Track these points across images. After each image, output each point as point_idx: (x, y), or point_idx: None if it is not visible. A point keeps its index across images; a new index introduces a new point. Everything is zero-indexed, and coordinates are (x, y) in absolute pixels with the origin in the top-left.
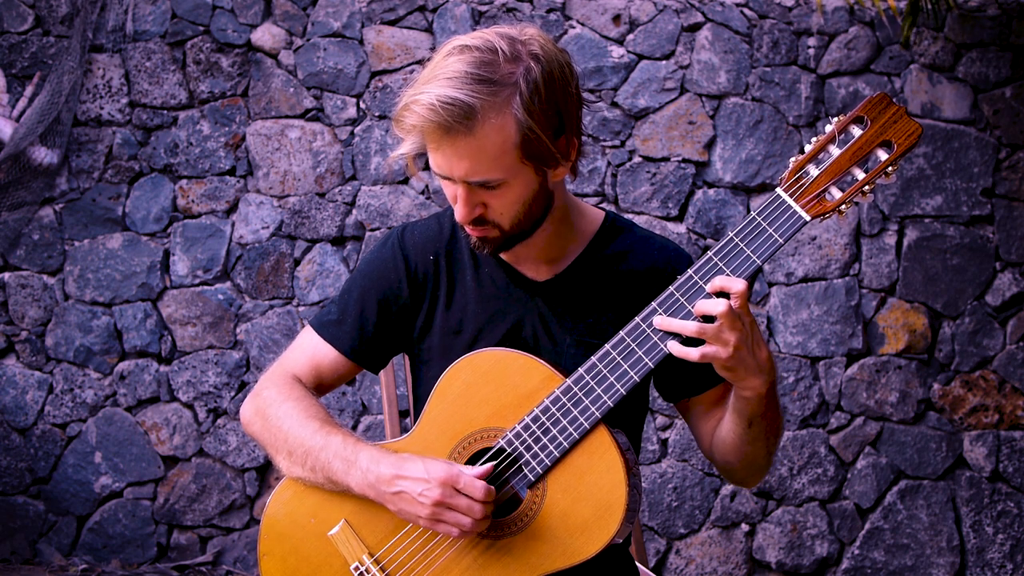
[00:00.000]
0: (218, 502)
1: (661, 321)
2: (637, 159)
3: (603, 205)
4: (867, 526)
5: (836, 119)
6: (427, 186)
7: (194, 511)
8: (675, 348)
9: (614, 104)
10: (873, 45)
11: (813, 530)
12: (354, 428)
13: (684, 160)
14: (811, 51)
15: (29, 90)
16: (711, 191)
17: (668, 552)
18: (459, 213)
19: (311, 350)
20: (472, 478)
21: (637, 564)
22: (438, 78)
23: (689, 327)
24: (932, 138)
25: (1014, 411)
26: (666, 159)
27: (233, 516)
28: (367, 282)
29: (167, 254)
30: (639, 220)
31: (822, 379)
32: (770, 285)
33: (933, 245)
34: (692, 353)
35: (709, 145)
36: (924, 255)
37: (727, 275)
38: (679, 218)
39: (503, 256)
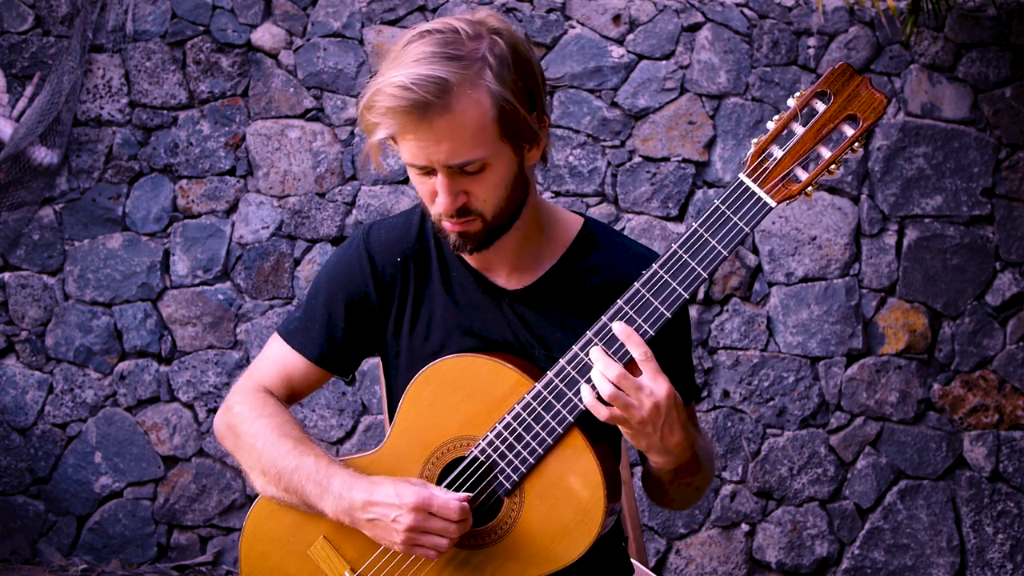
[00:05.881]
0: (218, 502)
1: (596, 355)
2: (637, 159)
3: (603, 205)
4: (867, 526)
5: (798, 94)
6: None
7: (194, 511)
8: (587, 399)
9: (614, 104)
10: (873, 45)
11: (813, 530)
12: (354, 428)
13: (684, 160)
14: (811, 51)
15: (29, 90)
16: (711, 191)
17: (668, 552)
18: (443, 204)
19: (281, 360)
20: (445, 499)
21: (637, 564)
22: (403, 63)
23: (612, 372)
24: (932, 138)
25: (1014, 411)
26: (666, 159)
27: (233, 516)
28: (333, 286)
29: (167, 254)
30: (639, 220)
31: (822, 379)
32: (770, 285)
33: (933, 245)
34: (601, 411)
35: (709, 145)
36: (924, 255)
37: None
38: (679, 218)
39: (473, 263)
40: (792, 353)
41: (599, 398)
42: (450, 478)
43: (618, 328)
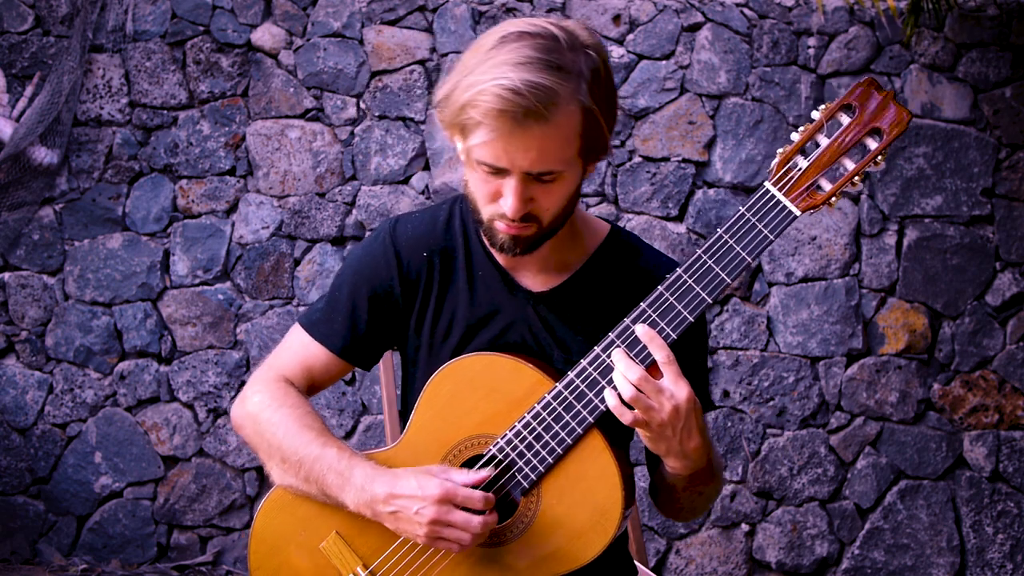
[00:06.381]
0: (218, 502)
1: (618, 357)
2: (637, 159)
3: (603, 205)
4: (867, 526)
5: (823, 106)
6: (427, 186)
7: (194, 511)
8: (612, 402)
9: None
10: (873, 45)
11: (813, 530)
12: (354, 428)
13: (684, 160)
14: (811, 51)
15: (29, 90)
16: (711, 191)
17: (668, 552)
18: (511, 207)
19: (302, 350)
20: (470, 491)
21: (637, 564)
22: (506, 64)
23: (634, 374)
24: (932, 138)
25: (1014, 411)
26: (666, 159)
27: (233, 516)
28: (358, 278)
29: (167, 254)
30: (639, 220)
31: (822, 379)
32: (770, 285)
33: (933, 245)
34: (626, 415)
35: (709, 145)
36: (924, 255)
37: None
38: (679, 218)
39: (501, 262)
40: (792, 353)
41: (623, 402)
42: None
43: (641, 331)
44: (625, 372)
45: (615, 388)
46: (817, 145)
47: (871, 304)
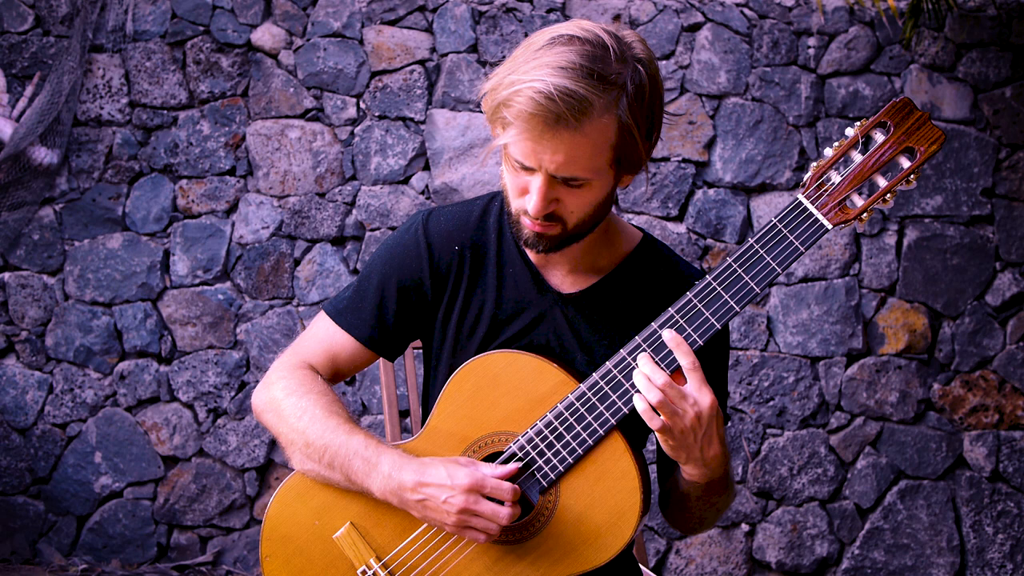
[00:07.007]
0: (218, 502)
1: (643, 361)
2: None
3: None
4: (867, 526)
5: (859, 123)
6: (427, 186)
7: (194, 511)
8: (641, 406)
9: None
10: (873, 45)
11: (813, 530)
12: None
13: (684, 160)
14: (811, 51)
15: (29, 90)
16: (711, 191)
17: (668, 552)
18: (534, 206)
19: (327, 338)
20: (499, 482)
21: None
22: (549, 66)
23: (658, 379)
24: None
25: (1014, 411)
26: (666, 159)
27: (233, 516)
28: (388, 269)
29: (167, 254)
30: (639, 220)
31: (822, 379)
32: (770, 285)
33: (933, 245)
34: (654, 420)
35: (709, 145)
36: (924, 255)
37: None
38: (679, 218)
39: (532, 258)
40: (792, 353)
41: (652, 407)
42: None
43: (668, 335)
44: (651, 376)
45: (639, 392)
46: (851, 161)
47: (871, 304)
